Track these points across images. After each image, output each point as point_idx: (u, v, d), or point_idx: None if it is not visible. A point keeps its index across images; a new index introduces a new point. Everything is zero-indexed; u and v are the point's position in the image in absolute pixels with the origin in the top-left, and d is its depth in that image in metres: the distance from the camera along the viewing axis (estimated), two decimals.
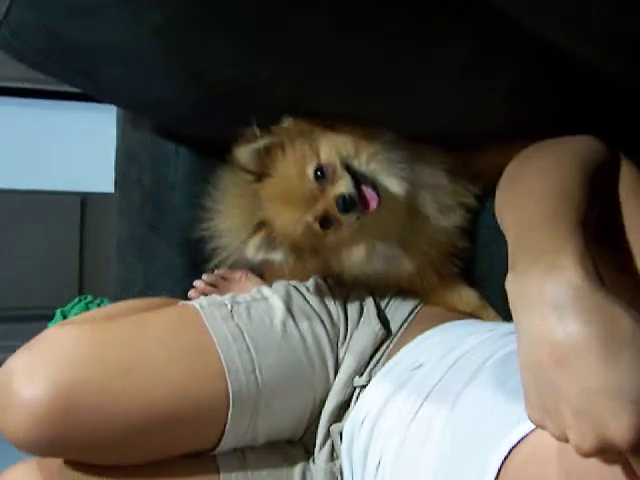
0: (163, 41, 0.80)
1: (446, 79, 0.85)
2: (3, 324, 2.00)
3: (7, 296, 2.08)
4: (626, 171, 0.81)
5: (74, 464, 0.85)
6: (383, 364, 0.96)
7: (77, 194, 2.14)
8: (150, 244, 1.26)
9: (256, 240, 0.92)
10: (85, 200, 2.15)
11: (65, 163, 2.10)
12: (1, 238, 2.07)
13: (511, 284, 0.63)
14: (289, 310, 0.96)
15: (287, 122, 0.94)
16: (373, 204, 0.89)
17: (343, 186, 0.89)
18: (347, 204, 0.88)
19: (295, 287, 1.01)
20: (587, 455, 0.55)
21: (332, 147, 0.92)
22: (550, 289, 0.59)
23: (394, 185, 0.94)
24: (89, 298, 1.33)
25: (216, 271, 1.18)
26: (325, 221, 0.92)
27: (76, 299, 1.32)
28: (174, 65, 0.86)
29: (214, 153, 1.08)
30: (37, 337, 0.86)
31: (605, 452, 0.55)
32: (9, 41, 0.89)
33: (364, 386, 0.94)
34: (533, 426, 0.64)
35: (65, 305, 1.31)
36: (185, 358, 0.88)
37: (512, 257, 0.66)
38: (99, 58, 0.89)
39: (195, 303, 0.95)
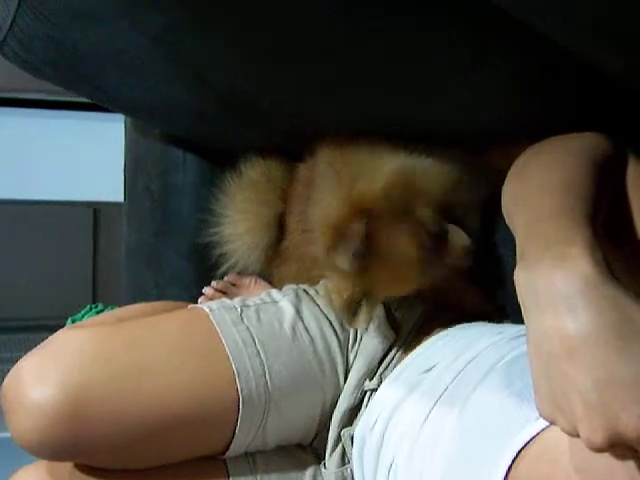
0: (167, 46, 0.80)
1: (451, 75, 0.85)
2: (18, 334, 2.01)
3: (21, 306, 2.09)
4: (634, 167, 0.81)
5: (83, 468, 0.85)
6: (393, 367, 0.96)
7: (89, 204, 2.15)
8: (159, 252, 1.27)
9: (366, 317, 0.89)
10: (97, 210, 2.16)
11: (76, 173, 2.11)
12: (14, 249, 2.09)
13: (520, 275, 0.63)
14: (299, 313, 0.96)
15: (376, 196, 0.88)
16: None
17: (462, 238, 0.90)
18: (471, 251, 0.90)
19: (305, 290, 1.01)
20: (598, 450, 0.54)
21: (429, 206, 0.90)
22: (560, 279, 0.58)
23: None
24: (100, 306, 1.33)
25: (225, 277, 1.18)
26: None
27: (87, 307, 1.33)
28: (178, 71, 0.86)
29: (222, 159, 1.08)
30: (46, 340, 0.86)
31: (616, 447, 0.54)
32: (16, 52, 0.90)
33: (374, 390, 0.94)
34: (542, 426, 0.64)
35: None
36: (195, 361, 0.88)
37: (521, 248, 0.66)
38: (104, 66, 0.89)
39: (205, 306, 0.95)
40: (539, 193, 0.72)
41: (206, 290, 1.19)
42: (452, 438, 0.76)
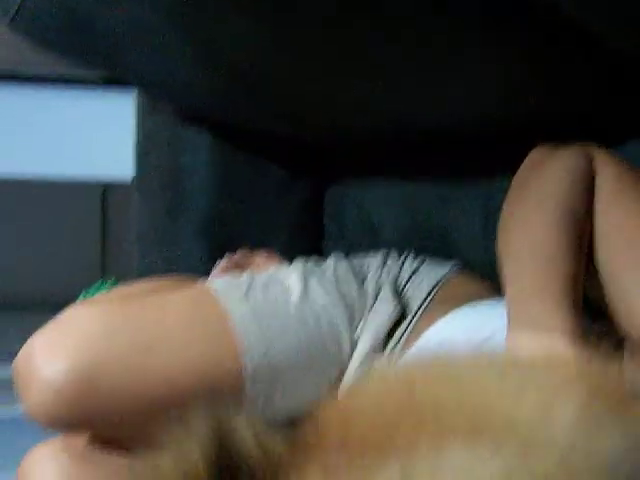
0: (179, 21, 0.80)
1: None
2: (28, 313, 2.02)
3: (31, 286, 2.10)
4: (611, 185, 0.83)
5: (99, 444, 0.86)
6: (404, 344, 0.96)
7: (98, 183, 2.15)
8: (170, 230, 1.27)
9: None
10: (106, 189, 2.17)
11: (86, 151, 2.10)
12: (24, 228, 2.10)
13: (509, 340, 0.74)
14: (306, 290, 0.95)
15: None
16: None
17: None
18: None
19: (315, 264, 1.01)
20: None
21: None
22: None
23: None
24: (113, 280, 1.34)
25: (236, 253, 1.18)
26: None
27: (99, 281, 1.34)
28: (191, 47, 0.86)
29: (234, 138, 1.08)
30: (58, 316, 0.88)
31: None
32: (28, 25, 0.90)
33: None
34: None
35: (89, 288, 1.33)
36: (202, 339, 0.89)
37: (510, 322, 0.75)
38: (117, 40, 0.90)
39: (213, 283, 0.96)
40: (519, 265, 0.79)
41: (217, 267, 1.19)
42: None
